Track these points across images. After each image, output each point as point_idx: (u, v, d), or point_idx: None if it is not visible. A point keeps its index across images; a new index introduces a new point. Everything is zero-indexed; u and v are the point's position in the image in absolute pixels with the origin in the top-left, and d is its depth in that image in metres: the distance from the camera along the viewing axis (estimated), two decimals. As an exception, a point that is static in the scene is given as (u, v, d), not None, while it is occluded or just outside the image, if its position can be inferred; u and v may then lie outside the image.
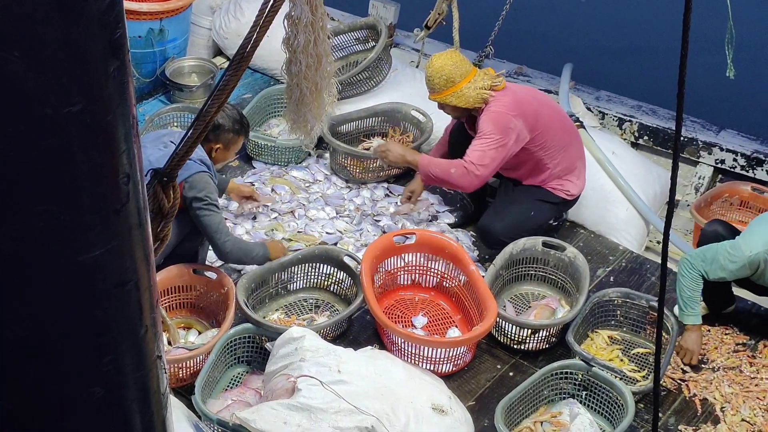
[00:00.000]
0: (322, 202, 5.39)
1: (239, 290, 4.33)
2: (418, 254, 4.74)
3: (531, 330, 4.47)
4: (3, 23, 1.14)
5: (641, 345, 4.59)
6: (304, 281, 4.76)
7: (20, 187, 1.23)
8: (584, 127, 5.64)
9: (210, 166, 4.40)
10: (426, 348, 4.25)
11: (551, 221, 5.11)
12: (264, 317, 4.49)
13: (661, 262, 2.14)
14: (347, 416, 3.69)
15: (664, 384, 4.42)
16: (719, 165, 6.06)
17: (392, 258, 4.71)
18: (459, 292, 4.66)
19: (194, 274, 4.44)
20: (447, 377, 4.34)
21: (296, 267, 4.70)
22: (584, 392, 4.21)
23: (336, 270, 4.74)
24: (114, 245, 1.33)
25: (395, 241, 4.69)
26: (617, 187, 5.43)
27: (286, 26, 3.46)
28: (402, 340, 4.27)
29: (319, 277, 4.78)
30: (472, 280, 4.51)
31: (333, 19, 6.68)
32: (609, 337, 4.61)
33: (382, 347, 4.43)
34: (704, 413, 4.32)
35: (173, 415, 1.72)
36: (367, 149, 5.65)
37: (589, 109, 6.32)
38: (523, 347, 4.53)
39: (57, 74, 1.19)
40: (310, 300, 4.78)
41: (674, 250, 5.44)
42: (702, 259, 4.34)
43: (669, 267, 4.45)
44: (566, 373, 4.22)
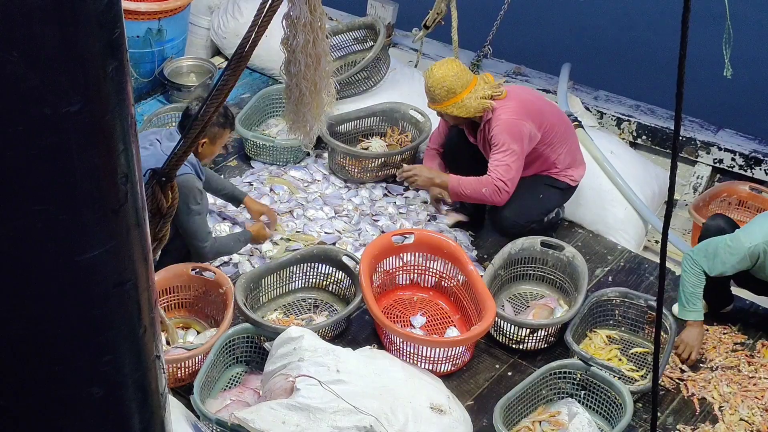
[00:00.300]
0: (321, 202, 5.39)
1: (238, 290, 4.33)
2: (417, 254, 4.74)
3: (529, 329, 4.47)
4: (2, 23, 1.14)
5: (640, 344, 4.59)
6: (303, 281, 4.76)
7: (18, 187, 1.23)
8: (582, 127, 5.64)
9: (196, 165, 4.37)
10: (425, 348, 4.25)
11: (557, 208, 5.15)
12: (262, 317, 4.49)
13: (660, 262, 2.14)
14: (346, 416, 3.69)
15: (663, 383, 4.42)
16: (717, 164, 6.06)
17: (391, 258, 4.70)
18: (458, 292, 4.66)
19: (193, 274, 4.44)
20: (446, 377, 4.33)
21: (295, 267, 4.70)
22: (583, 392, 4.21)
23: (334, 270, 4.74)
24: (112, 245, 1.33)
25: (394, 241, 4.69)
26: (615, 187, 5.43)
27: (285, 26, 3.46)
28: (401, 340, 4.27)
29: (318, 277, 4.78)
30: (471, 280, 4.51)
31: (331, 19, 6.67)
32: (607, 337, 4.61)
33: (381, 347, 4.43)
34: (702, 413, 4.33)
35: (172, 415, 1.72)
36: (366, 149, 5.66)
37: (588, 109, 6.32)
38: (522, 347, 4.53)
39: (55, 74, 1.19)
40: (309, 300, 4.78)
41: (672, 250, 5.43)
42: (704, 255, 4.35)
43: (667, 267, 4.45)
44: (565, 373, 4.22)
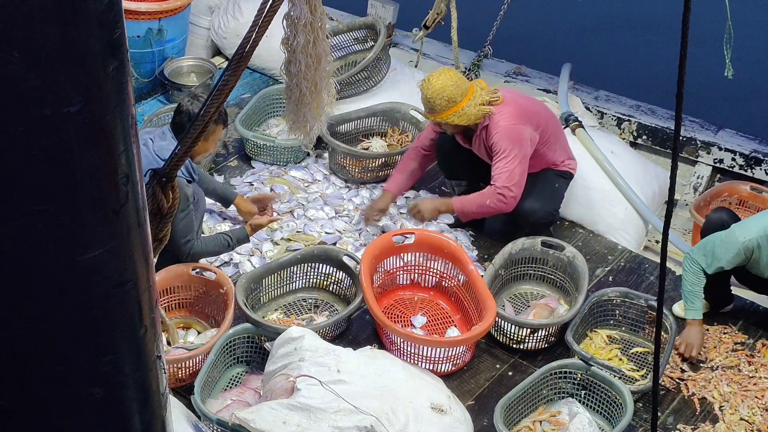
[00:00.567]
0: (321, 202, 5.39)
1: (238, 290, 4.33)
2: (418, 254, 4.74)
3: (530, 329, 4.47)
4: (2, 23, 1.14)
5: (640, 344, 4.59)
6: (304, 281, 4.76)
7: (19, 187, 1.23)
8: (583, 127, 5.64)
9: (188, 164, 4.34)
10: (425, 347, 4.25)
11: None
12: (263, 317, 4.49)
13: (660, 262, 2.14)
14: (346, 416, 3.69)
15: (663, 383, 4.42)
16: (718, 164, 6.06)
17: (391, 258, 4.71)
18: (458, 292, 4.66)
19: (193, 274, 4.44)
20: (446, 377, 4.33)
21: (295, 267, 4.70)
22: (583, 391, 4.21)
23: (335, 270, 4.74)
24: (113, 245, 1.33)
25: (394, 241, 4.69)
26: (616, 187, 5.43)
27: (285, 26, 3.46)
28: (401, 340, 4.27)
29: (319, 277, 4.78)
30: (472, 280, 4.51)
31: (332, 19, 6.67)
32: (608, 337, 4.61)
33: (382, 347, 4.43)
34: (703, 412, 4.33)
35: (172, 415, 1.72)
36: (366, 149, 5.66)
37: (588, 109, 6.32)
38: (522, 347, 4.53)
39: (56, 74, 1.19)
40: (310, 300, 4.78)
41: (673, 250, 5.43)
42: (702, 253, 4.37)
43: (668, 267, 4.45)
44: (565, 373, 4.22)
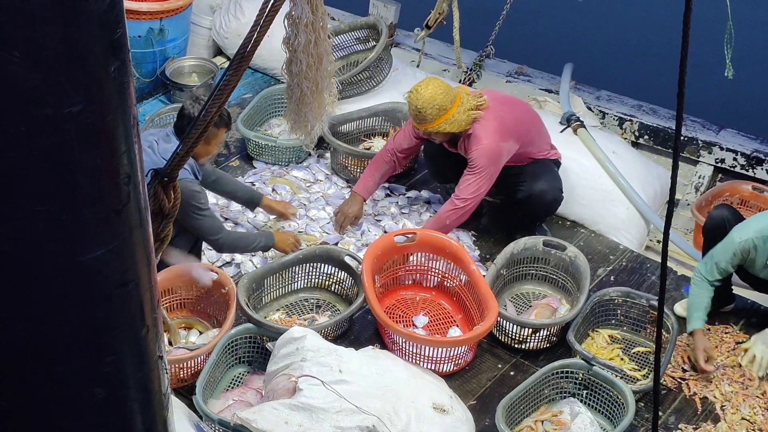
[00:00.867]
0: (323, 202, 5.39)
1: (240, 290, 4.33)
2: (419, 254, 4.74)
3: (532, 329, 4.47)
4: (3, 23, 1.14)
5: (641, 344, 4.59)
6: (305, 281, 4.76)
7: (20, 188, 1.23)
8: (585, 127, 5.64)
9: (193, 165, 4.35)
10: (427, 347, 4.25)
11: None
12: (265, 317, 4.49)
13: (662, 262, 2.14)
14: (348, 416, 3.69)
15: (665, 383, 4.42)
16: (719, 164, 6.06)
17: (393, 258, 4.70)
18: (460, 292, 4.66)
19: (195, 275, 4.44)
20: (448, 377, 4.34)
21: (297, 267, 4.70)
22: (585, 391, 4.21)
23: (337, 270, 4.74)
24: (115, 246, 1.33)
25: (396, 241, 4.69)
26: (618, 187, 5.43)
27: (287, 26, 3.46)
28: (403, 340, 4.27)
29: (320, 277, 4.78)
30: (473, 280, 4.51)
31: (333, 19, 6.67)
32: (609, 336, 4.61)
33: (384, 347, 4.43)
34: (704, 412, 4.32)
35: (174, 416, 1.72)
36: (368, 149, 5.66)
37: (590, 109, 6.32)
38: (524, 346, 4.53)
39: (57, 74, 1.19)
40: (311, 300, 4.78)
41: (674, 250, 5.43)
42: (703, 262, 4.41)
43: (669, 266, 4.44)
44: (567, 372, 4.22)
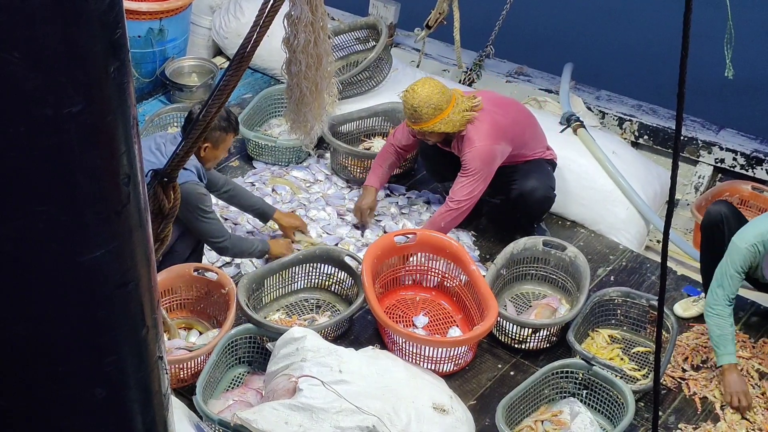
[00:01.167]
0: (323, 202, 5.39)
1: (240, 290, 4.33)
2: (419, 254, 4.74)
3: (532, 329, 4.47)
4: (3, 23, 1.14)
5: (641, 344, 4.59)
6: (305, 281, 4.76)
7: (20, 188, 1.23)
8: (584, 127, 5.64)
9: (199, 169, 4.37)
10: (427, 347, 4.25)
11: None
12: (265, 317, 4.49)
13: (662, 262, 2.14)
14: (348, 416, 3.69)
15: (664, 382, 4.42)
16: (719, 164, 6.05)
17: (393, 258, 4.70)
18: (460, 292, 4.66)
19: (195, 275, 4.44)
20: (448, 377, 4.34)
21: (297, 267, 4.70)
22: (585, 391, 4.21)
23: (337, 270, 4.74)
24: (115, 246, 1.33)
25: (396, 241, 4.69)
26: (617, 187, 5.43)
27: (286, 26, 3.46)
28: (403, 340, 4.27)
29: (320, 278, 4.78)
30: (473, 280, 4.51)
31: (333, 19, 6.67)
32: (609, 336, 4.61)
33: (383, 347, 4.43)
34: (704, 411, 4.32)
35: (174, 416, 1.72)
36: (368, 149, 5.66)
37: (590, 109, 6.32)
38: (524, 346, 4.53)
39: (57, 74, 1.19)
40: (311, 300, 4.78)
41: (674, 250, 5.43)
42: (715, 287, 4.24)
43: (669, 266, 4.43)
44: (567, 372, 4.22)
